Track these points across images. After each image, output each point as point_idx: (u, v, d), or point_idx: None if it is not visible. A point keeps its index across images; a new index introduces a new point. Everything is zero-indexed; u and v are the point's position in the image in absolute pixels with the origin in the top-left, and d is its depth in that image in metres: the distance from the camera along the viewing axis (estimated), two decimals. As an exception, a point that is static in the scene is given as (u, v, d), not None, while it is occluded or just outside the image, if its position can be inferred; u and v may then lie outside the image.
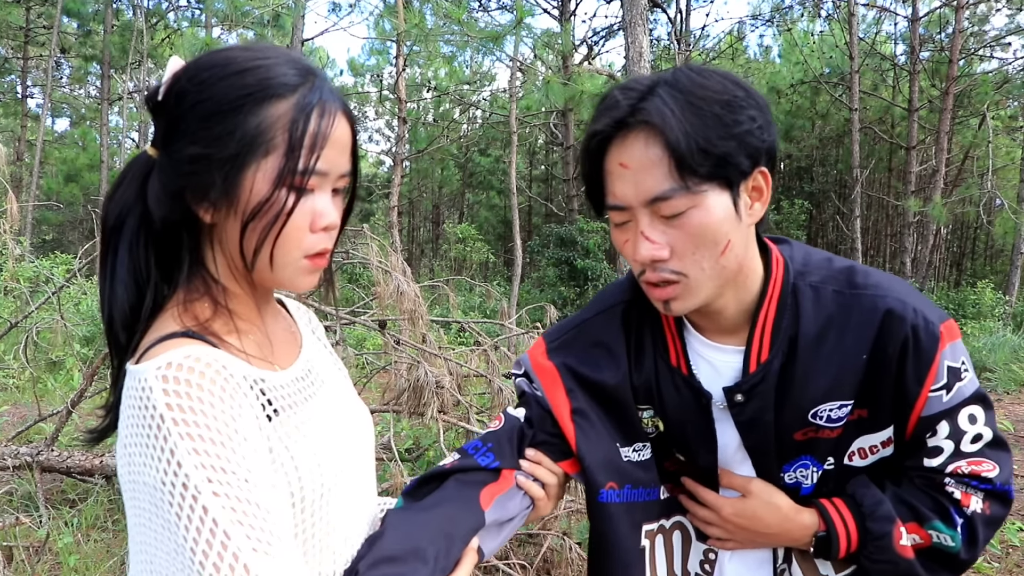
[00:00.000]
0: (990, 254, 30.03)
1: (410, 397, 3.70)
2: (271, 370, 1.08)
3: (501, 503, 1.26)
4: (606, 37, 21.06)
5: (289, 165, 0.98)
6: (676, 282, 1.18)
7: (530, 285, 19.12)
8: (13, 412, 6.86)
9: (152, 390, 0.90)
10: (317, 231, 1.05)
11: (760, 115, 1.14)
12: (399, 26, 11.21)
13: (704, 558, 1.43)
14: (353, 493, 1.16)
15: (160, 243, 1.06)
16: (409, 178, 29.41)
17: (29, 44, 22.32)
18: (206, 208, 1.01)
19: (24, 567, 3.84)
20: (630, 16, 7.21)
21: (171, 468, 0.87)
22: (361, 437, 1.23)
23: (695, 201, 1.12)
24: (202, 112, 0.98)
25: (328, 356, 1.31)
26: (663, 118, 1.10)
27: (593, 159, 1.20)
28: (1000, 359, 11.13)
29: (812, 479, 1.33)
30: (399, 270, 4.14)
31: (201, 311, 1.04)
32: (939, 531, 1.25)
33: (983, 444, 1.26)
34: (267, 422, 1.01)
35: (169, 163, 1.01)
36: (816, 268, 1.30)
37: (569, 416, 1.33)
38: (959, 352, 1.24)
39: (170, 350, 0.94)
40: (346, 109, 1.06)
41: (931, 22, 19.75)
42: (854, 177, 17.22)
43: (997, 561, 4.42)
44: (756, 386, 1.26)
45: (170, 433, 0.88)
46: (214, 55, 1.02)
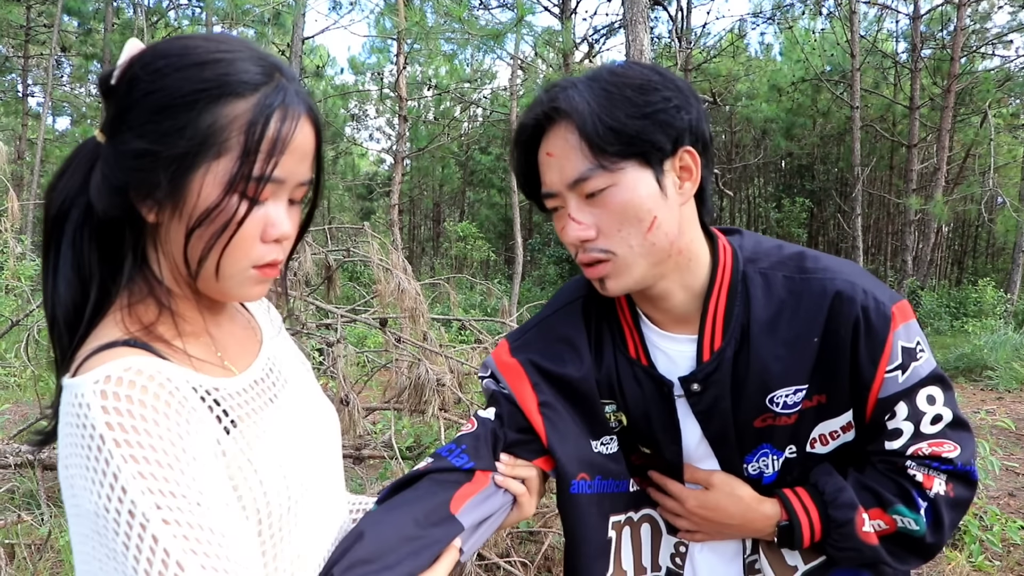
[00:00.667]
0: (991, 252, 30.00)
1: (411, 395, 3.70)
2: (226, 376, 1.00)
3: (476, 504, 1.24)
4: (607, 35, 21.02)
5: (243, 171, 0.91)
6: (606, 260, 1.22)
7: (531, 283, 19.13)
8: (14, 410, 6.86)
9: (90, 407, 0.82)
10: (268, 241, 0.97)
11: (677, 95, 1.18)
12: (400, 24, 11.21)
13: (675, 551, 1.44)
14: (321, 500, 1.10)
15: (104, 238, 0.98)
16: (410, 176, 29.41)
17: (30, 43, 22.32)
18: (150, 207, 0.94)
19: (26, 565, 3.85)
20: (631, 14, 7.19)
21: (115, 494, 0.80)
22: (327, 437, 1.17)
23: (613, 179, 1.17)
24: (153, 104, 0.90)
25: (291, 349, 1.24)
26: (573, 105, 1.17)
27: (524, 153, 1.27)
28: (1001, 357, 11.13)
29: (774, 467, 1.34)
30: (400, 268, 4.14)
31: (145, 313, 0.96)
32: (903, 515, 1.26)
33: (943, 425, 1.26)
34: (225, 435, 0.94)
35: (114, 155, 0.93)
36: (765, 255, 1.32)
37: (537, 409, 1.34)
38: (913, 332, 1.25)
39: (109, 362, 0.87)
40: (311, 113, 0.99)
41: (933, 19, 19.72)
42: (855, 175, 17.21)
43: (998, 559, 4.41)
44: (711, 374, 1.28)
45: (112, 456, 0.81)
46: (173, 43, 0.94)
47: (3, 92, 25.17)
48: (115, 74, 0.95)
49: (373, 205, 29.28)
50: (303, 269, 4.02)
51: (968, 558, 4.26)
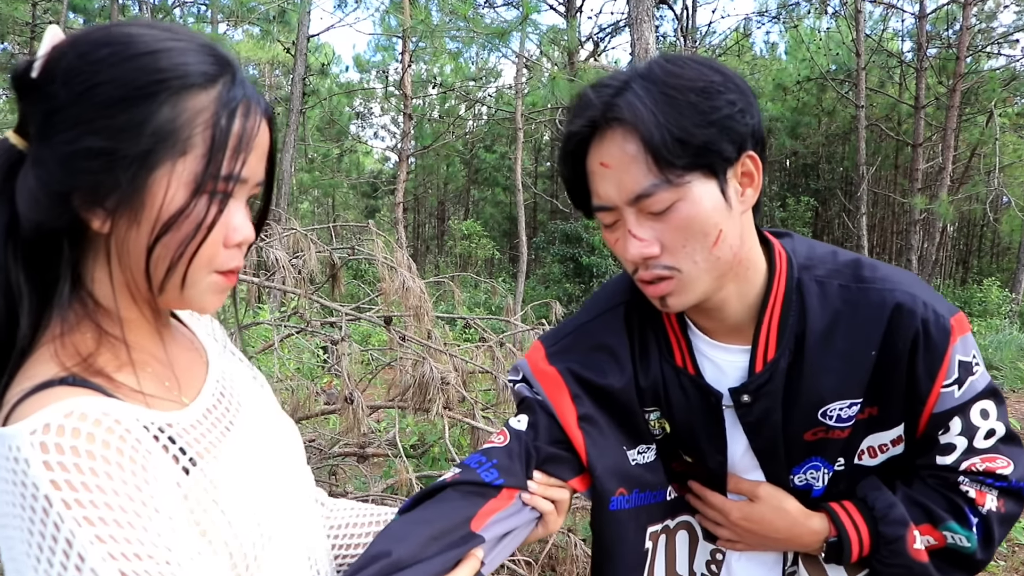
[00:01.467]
0: (996, 252, 29.97)
1: (415, 393, 3.69)
2: (177, 408, 0.90)
3: (500, 519, 1.17)
4: (612, 33, 21.03)
5: (211, 169, 0.83)
6: (670, 278, 1.14)
7: (535, 281, 19.12)
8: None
9: (29, 463, 0.71)
10: (231, 247, 0.90)
11: (740, 98, 1.09)
12: (405, 22, 11.20)
13: (711, 558, 1.40)
14: (291, 523, 1.01)
15: (31, 255, 0.86)
16: (414, 174, 29.40)
17: (35, 40, 22.32)
18: (99, 215, 0.83)
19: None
20: (636, 12, 7.18)
21: (71, 563, 0.69)
22: (289, 456, 1.07)
23: (680, 194, 1.08)
24: (101, 97, 0.80)
25: (238, 365, 1.12)
26: (635, 112, 1.06)
27: (573, 161, 1.17)
28: (1007, 357, 11.12)
29: (823, 481, 1.29)
30: (404, 266, 4.14)
31: (83, 343, 0.85)
32: (954, 532, 1.22)
33: (996, 440, 1.22)
34: (184, 476, 0.84)
35: (53, 157, 0.81)
36: (821, 262, 1.25)
37: (576, 423, 1.26)
38: (970, 346, 1.20)
39: (47, 406, 0.75)
40: (267, 109, 0.91)
41: (938, 19, 19.66)
42: (860, 174, 17.17)
43: (1003, 559, 4.41)
44: (763, 386, 1.23)
45: (62, 519, 0.70)
46: (110, 29, 0.84)
47: (8, 89, 25.22)
48: (36, 65, 0.83)
49: (378, 203, 29.26)
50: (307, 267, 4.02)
51: (973, 558, 4.26)
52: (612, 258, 15.81)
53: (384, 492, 4.00)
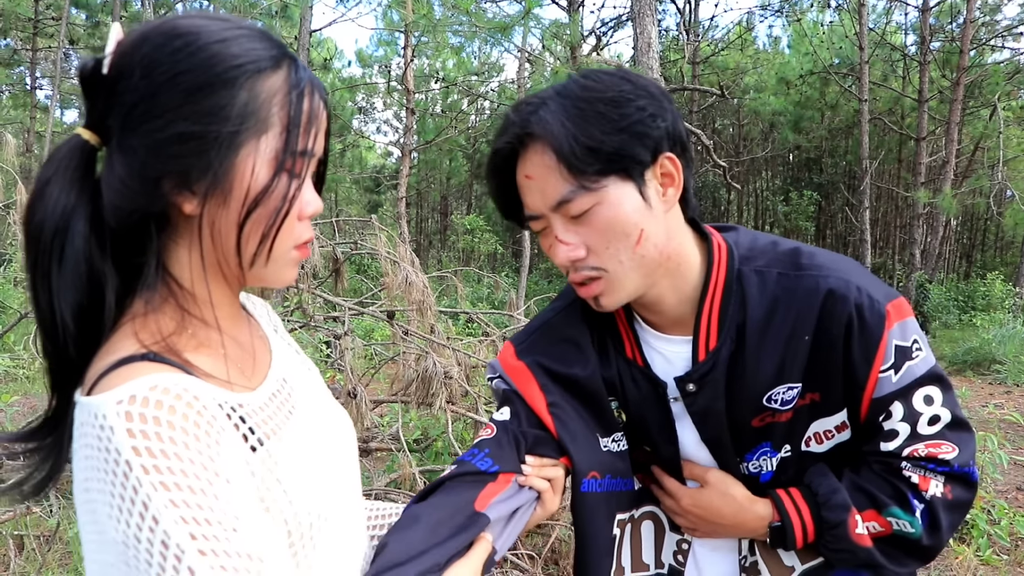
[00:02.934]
0: (1000, 246, 29.90)
1: (418, 387, 3.71)
2: (248, 391, 0.95)
3: (501, 500, 1.22)
4: (614, 28, 20.94)
5: (290, 146, 0.90)
6: (598, 278, 1.21)
7: (538, 276, 19.13)
8: (24, 402, 6.89)
9: (114, 430, 0.77)
10: (304, 219, 0.96)
11: (651, 103, 1.16)
12: (407, 16, 11.19)
13: (677, 548, 1.44)
14: (344, 508, 1.07)
15: (116, 243, 0.91)
16: (417, 169, 29.38)
17: (38, 36, 22.33)
18: (189, 197, 0.89)
19: (35, 556, 3.87)
20: (638, 7, 7.18)
21: (146, 524, 0.74)
22: (344, 444, 1.13)
23: (597, 198, 1.16)
24: (186, 84, 0.85)
25: (295, 356, 1.18)
26: (546, 127, 1.15)
27: (500, 176, 1.25)
28: (1010, 351, 11.11)
29: (770, 466, 1.33)
30: (407, 261, 4.14)
31: (164, 324, 0.91)
32: (897, 517, 1.24)
33: (942, 425, 1.24)
34: (252, 454, 0.89)
35: (143, 145, 0.86)
36: (761, 252, 1.31)
37: (546, 409, 1.33)
38: (909, 331, 1.23)
39: (131, 379, 0.80)
40: (324, 90, 0.97)
41: (942, 12, 19.61)
42: (863, 168, 17.15)
43: (1006, 553, 4.41)
44: (706, 375, 1.28)
45: (141, 483, 0.75)
46: (176, 22, 0.89)
47: (11, 85, 25.21)
48: (107, 63, 0.88)
49: (380, 198, 29.27)
50: (311, 262, 4.03)
51: (976, 552, 4.26)
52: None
53: (388, 486, 4.01)
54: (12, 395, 6.33)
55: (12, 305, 9.58)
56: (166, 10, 20.82)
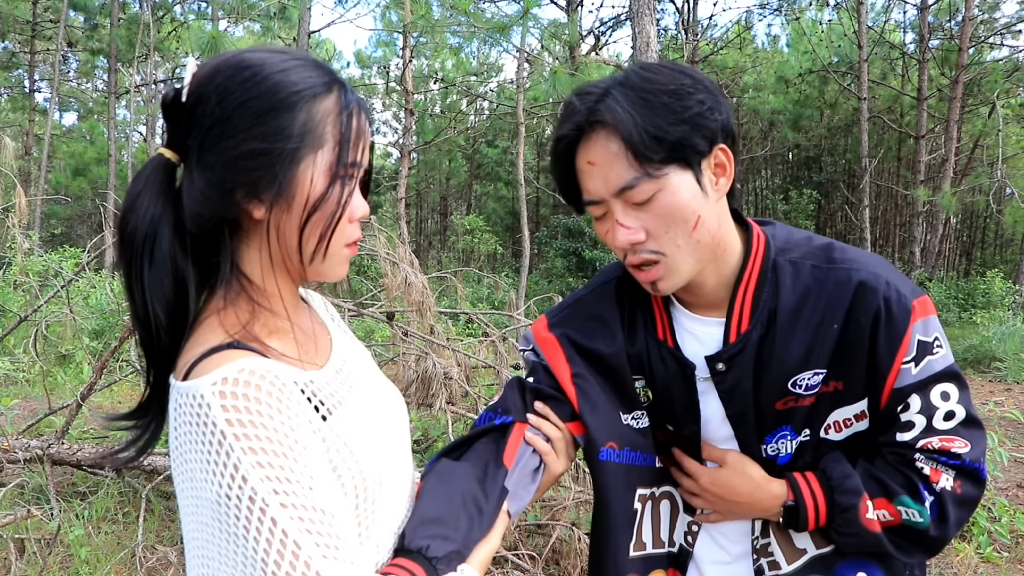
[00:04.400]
0: (1000, 243, 29.94)
1: (418, 388, 3.71)
2: (316, 370, 1.10)
3: (520, 458, 1.34)
4: (613, 27, 21.02)
5: (342, 158, 1.04)
6: (657, 262, 1.27)
7: (538, 276, 19.13)
8: (24, 405, 6.89)
9: (211, 407, 0.91)
10: (354, 221, 1.10)
11: (709, 97, 1.23)
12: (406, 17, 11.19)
13: (688, 529, 1.50)
14: (399, 473, 1.20)
15: (197, 248, 1.06)
16: (416, 170, 29.42)
17: (36, 38, 22.36)
18: (257, 205, 1.03)
19: (36, 559, 3.87)
20: (637, 6, 7.17)
21: (236, 483, 0.89)
22: (398, 415, 1.27)
23: (659, 185, 1.21)
24: (255, 109, 1.00)
25: (352, 341, 1.33)
26: (615, 115, 1.20)
27: (563, 162, 1.30)
28: (1010, 348, 11.11)
29: (788, 449, 1.38)
30: (407, 262, 4.14)
31: (241, 315, 1.05)
32: (907, 506, 1.29)
33: (956, 422, 1.29)
34: (322, 423, 1.03)
35: (220, 160, 1.01)
36: (796, 245, 1.37)
37: (570, 379, 1.42)
38: (932, 327, 1.28)
39: (223, 365, 0.95)
40: (369, 110, 1.11)
41: (941, 10, 19.64)
42: (863, 166, 17.17)
43: (1007, 551, 4.41)
44: (736, 355, 1.34)
45: (232, 449, 0.90)
46: (242, 56, 1.04)
47: (10, 88, 25.24)
48: (185, 92, 1.02)
49: (380, 199, 29.25)
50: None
51: (977, 549, 4.26)
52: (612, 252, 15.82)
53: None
54: (12, 399, 6.33)
55: (12, 309, 9.60)
56: (164, 12, 20.84)
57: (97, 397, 6.77)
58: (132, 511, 4.55)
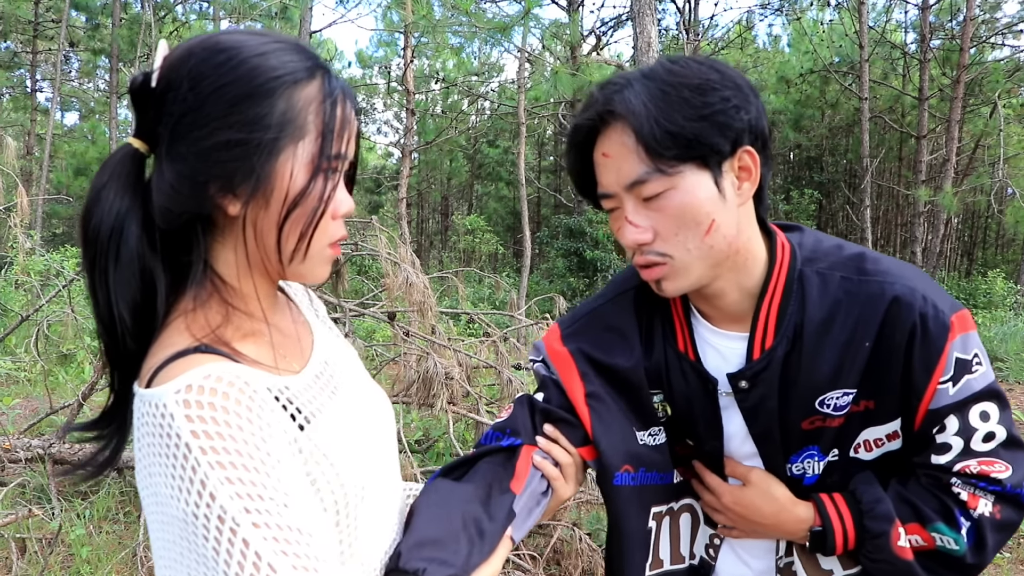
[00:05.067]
0: (1001, 243, 29.90)
1: (419, 388, 3.70)
2: (291, 374, 1.02)
3: (528, 485, 1.27)
4: (614, 27, 20.99)
5: (324, 150, 0.96)
6: (663, 263, 1.20)
7: (539, 276, 19.11)
8: (25, 405, 6.89)
9: (174, 417, 0.84)
10: (338, 218, 1.02)
11: (736, 94, 1.15)
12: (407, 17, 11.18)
13: (709, 542, 1.44)
14: (384, 485, 1.13)
15: (168, 246, 0.98)
16: (418, 170, 29.39)
17: (38, 38, 22.34)
18: (233, 200, 0.95)
19: (37, 559, 3.87)
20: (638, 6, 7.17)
21: (203, 500, 0.82)
22: (384, 422, 1.19)
23: (671, 183, 1.15)
24: (230, 95, 0.91)
25: (336, 339, 1.25)
26: (628, 106, 1.15)
27: (580, 152, 1.26)
28: (1012, 349, 11.10)
29: (816, 469, 1.31)
30: (408, 262, 4.14)
31: (211, 317, 0.98)
32: (942, 533, 1.22)
33: (996, 443, 1.21)
34: (299, 432, 0.96)
35: (192, 151, 0.92)
36: (825, 255, 1.29)
37: (584, 399, 1.33)
38: (971, 344, 1.20)
39: (188, 371, 0.87)
40: (355, 98, 1.03)
41: (942, 10, 19.59)
42: (864, 166, 17.14)
43: (1008, 552, 4.40)
44: (760, 373, 1.26)
45: (199, 463, 0.82)
46: (218, 38, 0.95)
47: (12, 87, 25.23)
48: (155, 76, 0.94)
49: (381, 199, 29.27)
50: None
51: (978, 550, 4.25)
52: (616, 252, 15.82)
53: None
54: (13, 398, 6.34)
55: (13, 308, 9.60)
56: (165, 12, 20.84)
57: (99, 396, 6.75)
58: (133, 510, 4.55)
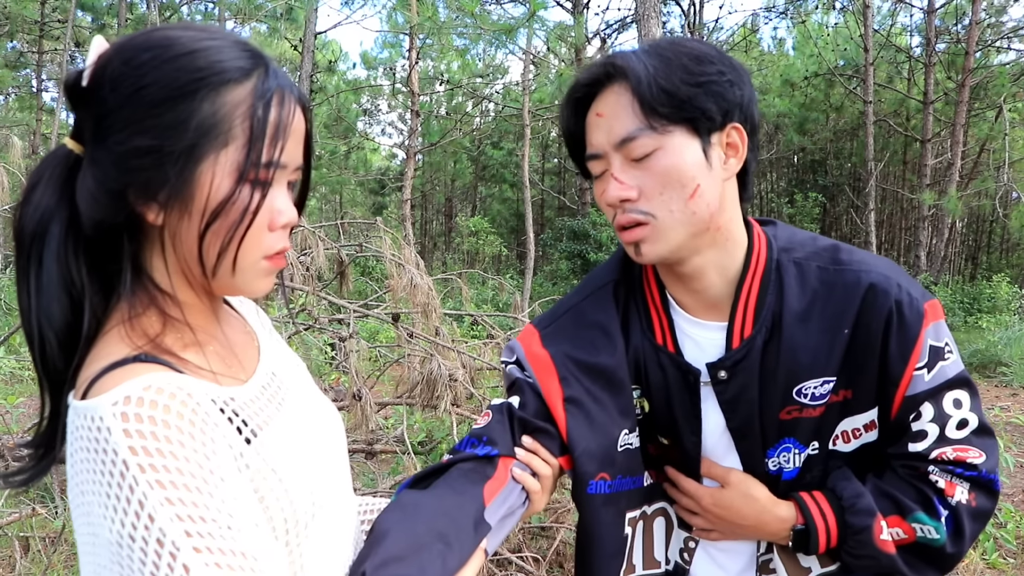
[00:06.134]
0: (1006, 248, 29.81)
1: (423, 390, 3.70)
2: (238, 385, 0.96)
3: (502, 499, 1.22)
4: (619, 29, 21.00)
5: (251, 157, 0.88)
6: (645, 223, 1.20)
7: (543, 278, 19.12)
8: (29, 403, 6.89)
9: (111, 431, 0.77)
10: (276, 229, 0.95)
11: (731, 71, 1.19)
12: (412, 19, 11.19)
13: (684, 546, 1.42)
14: (335, 501, 1.06)
15: (92, 251, 0.92)
16: (422, 171, 29.40)
17: (44, 38, 22.36)
18: (152, 208, 0.89)
19: (40, 557, 3.87)
20: (643, 8, 7.17)
21: (141, 522, 0.75)
22: (334, 436, 1.13)
23: (661, 142, 1.17)
24: (148, 98, 0.86)
25: (283, 350, 1.19)
26: (629, 64, 1.17)
27: (576, 111, 1.26)
28: (1016, 353, 11.08)
29: (795, 463, 1.31)
30: (412, 263, 4.14)
31: (149, 325, 0.91)
32: (923, 523, 1.23)
33: (969, 431, 1.24)
34: (246, 446, 0.90)
35: (108, 157, 0.87)
36: (800, 245, 1.31)
37: (562, 405, 1.30)
38: (943, 332, 1.24)
39: (125, 381, 0.81)
40: (301, 97, 0.96)
41: (947, 13, 19.59)
42: (868, 170, 17.14)
43: (1012, 557, 4.39)
44: (739, 362, 1.27)
45: (136, 482, 0.76)
46: (150, 35, 0.89)
47: (18, 87, 25.27)
48: (86, 75, 0.89)
49: (385, 200, 29.24)
50: (316, 264, 4.03)
51: (982, 556, 4.24)
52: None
53: (392, 489, 4.00)
54: (18, 396, 6.34)
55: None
56: (171, 12, 20.86)
57: (102, 396, 6.77)
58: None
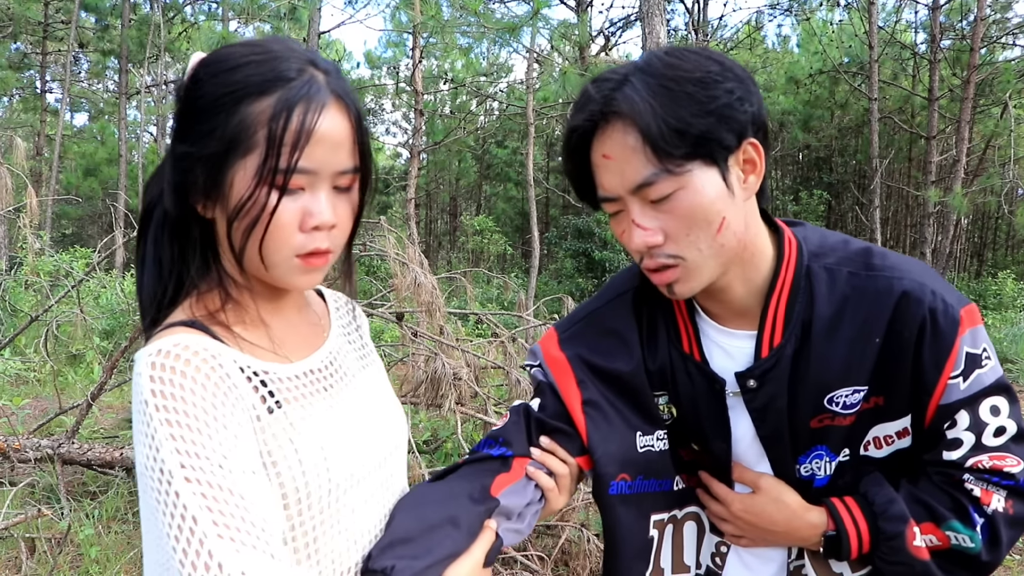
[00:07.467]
0: (1011, 244, 29.74)
1: (428, 389, 3.70)
2: (279, 362, 1.08)
3: (513, 492, 1.23)
4: (623, 27, 20.98)
5: (269, 163, 0.97)
6: (675, 266, 1.17)
7: (548, 277, 19.11)
8: (34, 405, 6.91)
9: (142, 376, 0.93)
10: (308, 230, 1.02)
11: (739, 86, 1.12)
12: (415, 18, 11.19)
13: (715, 551, 1.41)
14: (372, 496, 1.14)
15: (181, 235, 1.08)
16: (426, 170, 29.39)
17: (47, 39, 22.40)
18: (202, 204, 1.04)
19: (46, 559, 3.88)
20: (647, 6, 7.16)
21: (151, 453, 0.90)
22: (388, 437, 1.20)
23: (680, 182, 1.11)
24: (195, 110, 1.00)
25: (357, 351, 1.28)
26: (632, 105, 1.10)
27: (577, 154, 1.20)
28: (1022, 350, 11.07)
29: (826, 470, 1.29)
30: (416, 262, 4.14)
31: (211, 302, 1.06)
32: (957, 531, 1.20)
33: (1007, 438, 1.20)
34: (267, 413, 1.01)
35: (170, 159, 1.04)
36: (831, 250, 1.27)
37: (580, 407, 1.31)
38: (980, 338, 1.19)
39: (164, 338, 0.97)
40: (345, 103, 1.03)
41: (952, 10, 19.50)
42: (873, 167, 17.08)
43: (1018, 553, 4.38)
44: (768, 371, 1.24)
45: (152, 419, 0.90)
46: (218, 51, 1.03)
47: (22, 88, 25.28)
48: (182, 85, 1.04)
49: (390, 199, 29.25)
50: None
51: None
52: (624, 252, 15.80)
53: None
54: (23, 398, 6.35)
55: (23, 308, 9.64)
56: (175, 13, 20.88)
57: (107, 397, 6.78)
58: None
